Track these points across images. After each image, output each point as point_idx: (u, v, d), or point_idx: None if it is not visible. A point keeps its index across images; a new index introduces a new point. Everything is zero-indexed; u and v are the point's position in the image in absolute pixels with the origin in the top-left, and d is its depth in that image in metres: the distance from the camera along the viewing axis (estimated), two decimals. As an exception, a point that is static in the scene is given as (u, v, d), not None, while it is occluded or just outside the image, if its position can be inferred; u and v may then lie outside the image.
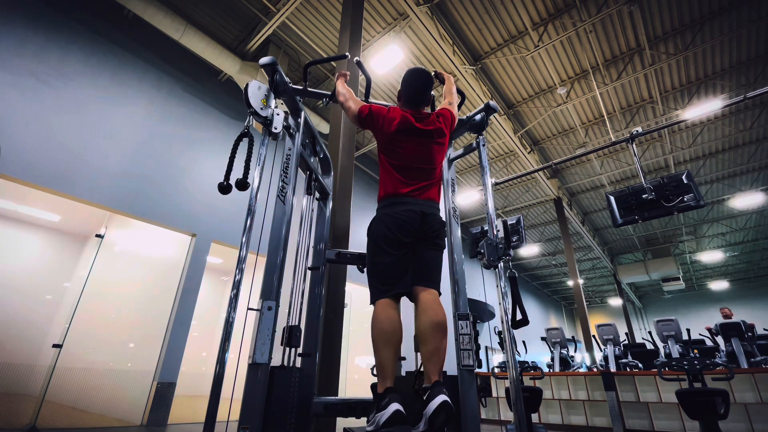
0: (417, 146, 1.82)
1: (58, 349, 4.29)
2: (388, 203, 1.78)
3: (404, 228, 1.69)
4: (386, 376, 1.52)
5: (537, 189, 11.64)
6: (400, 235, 1.69)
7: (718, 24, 6.51)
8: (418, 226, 1.71)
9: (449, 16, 6.52)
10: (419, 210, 1.72)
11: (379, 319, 1.60)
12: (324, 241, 2.48)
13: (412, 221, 1.70)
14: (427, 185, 1.81)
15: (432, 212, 1.77)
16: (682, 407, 3.32)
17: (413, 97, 1.96)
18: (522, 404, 1.71)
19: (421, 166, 1.81)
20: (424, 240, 1.74)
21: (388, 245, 1.69)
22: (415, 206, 1.73)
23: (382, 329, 1.58)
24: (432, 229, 1.74)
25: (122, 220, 5.64)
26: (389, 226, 1.71)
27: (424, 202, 1.76)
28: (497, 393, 6.54)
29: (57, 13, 4.92)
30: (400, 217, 1.70)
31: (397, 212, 1.72)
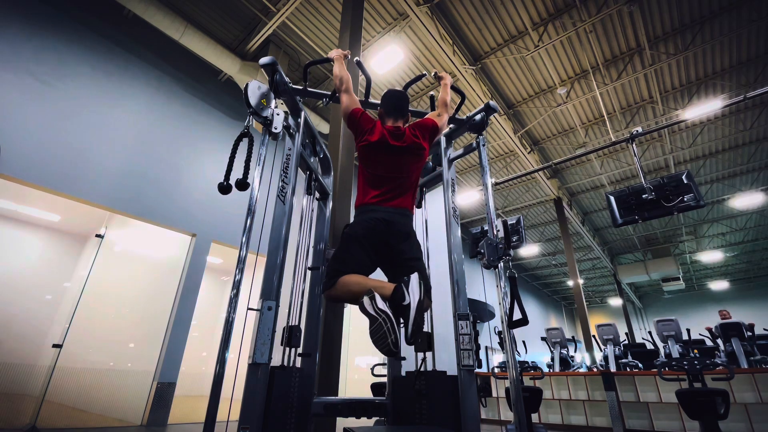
0: (390, 161, 1.91)
1: (58, 349, 4.29)
2: (359, 212, 1.88)
3: (371, 233, 1.76)
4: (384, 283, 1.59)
5: (537, 189, 11.64)
6: (368, 239, 1.76)
7: (718, 24, 6.51)
8: (383, 233, 1.77)
9: (449, 16, 6.52)
10: (382, 218, 1.79)
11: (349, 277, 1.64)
12: (324, 241, 2.48)
13: (377, 227, 1.77)
14: (397, 193, 1.89)
15: (396, 219, 1.81)
16: (682, 407, 3.32)
17: (391, 110, 2.05)
18: (522, 404, 1.71)
19: (392, 176, 1.91)
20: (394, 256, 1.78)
21: (356, 243, 1.75)
22: (381, 214, 1.81)
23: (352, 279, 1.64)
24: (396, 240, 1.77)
25: (122, 220, 5.65)
26: (357, 230, 1.79)
27: (391, 210, 1.83)
28: (497, 393, 6.54)
29: (57, 13, 4.92)
30: (367, 224, 1.79)
31: (364, 219, 1.81)
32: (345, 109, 2.04)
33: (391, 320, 1.38)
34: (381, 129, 1.94)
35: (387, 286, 1.54)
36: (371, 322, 1.41)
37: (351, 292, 1.60)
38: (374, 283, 1.58)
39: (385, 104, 2.08)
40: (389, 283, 1.58)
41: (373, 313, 1.41)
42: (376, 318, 1.39)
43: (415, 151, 1.94)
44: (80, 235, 7.19)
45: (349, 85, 2.10)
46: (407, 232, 1.84)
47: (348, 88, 2.09)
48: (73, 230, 7.07)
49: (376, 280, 1.64)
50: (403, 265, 1.75)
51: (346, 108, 2.03)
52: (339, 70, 2.14)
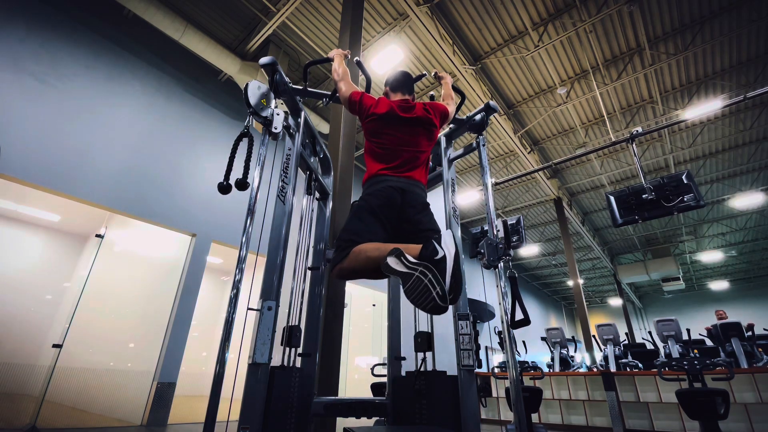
0: (401, 133, 1.82)
1: (58, 349, 4.29)
2: (370, 183, 1.76)
3: (385, 204, 1.64)
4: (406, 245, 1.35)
5: (537, 189, 11.64)
6: (382, 210, 1.63)
7: (718, 24, 6.51)
8: (399, 203, 1.66)
9: (449, 16, 6.52)
10: (398, 186, 1.69)
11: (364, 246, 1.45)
12: (324, 241, 2.48)
13: (392, 196, 1.66)
14: (410, 166, 1.78)
15: (412, 189, 1.71)
16: (682, 407, 3.32)
17: (397, 84, 2.03)
18: (522, 404, 1.71)
19: (404, 149, 1.80)
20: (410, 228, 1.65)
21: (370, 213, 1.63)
22: (395, 183, 1.70)
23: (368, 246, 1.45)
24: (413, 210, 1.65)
25: (122, 220, 5.64)
26: (371, 201, 1.66)
27: (405, 180, 1.73)
28: (497, 393, 6.53)
29: (57, 13, 4.92)
30: (381, 193, 1.66)
31: (378, 189, 1.69)
32: (344, 95, 1.99)
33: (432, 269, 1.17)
34: (388, 102, 1.88)
35: (412, 247, 1.32)
36: (405, 279, 1.21)
37: (369, 258, 1.39)
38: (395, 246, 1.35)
39: (391, 82, 2.06)
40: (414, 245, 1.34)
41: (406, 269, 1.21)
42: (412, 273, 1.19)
43: (426, 125, 1.86)
44: (80, 235, 7.18)
45: (346, 76, 2.07)
46: (423, 202, 1.74)
47: (345, 77, 2.06)
48: (73, 230, 7.07)
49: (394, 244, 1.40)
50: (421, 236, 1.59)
51: (344, 94, 1.98)
52: (338, 64, 2.12)
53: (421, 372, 2.02)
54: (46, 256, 6.88)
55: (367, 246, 1.45)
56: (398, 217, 1.65)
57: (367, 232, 1.55)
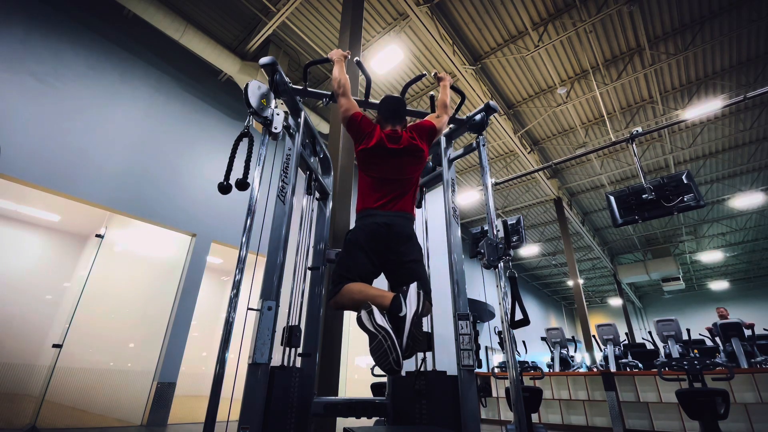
0: (388, 165, 1.92)
1: (58, 349, 4.29)
2: (360, 216, 1.90)
3: (372, 238, 1.79)
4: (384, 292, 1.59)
5: (537, 189, 11.64)
6: (369, 244, 1.78)
7: (718, 24, 6.51)
8: (384, 236, 1.79)
9: (449, 16, 6.52)
10: (383, 222, 1.81)
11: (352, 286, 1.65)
12: (324, 241, 2.48)
13: (378, 231, 1.79)
14: (398, 196, 1.90)
15: (397, 222, 1.83)
16: (682, 407, 3.32)
17: (389, 116, 2.07)
18: (522, 404, 1.71)
19: (392, 179, 1.92)
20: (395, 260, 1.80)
21: (359, 249, 1.77)
22: (382, 218, 1.82)
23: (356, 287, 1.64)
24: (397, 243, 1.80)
25: (122, 220, 5.64)
26: (359, 236, 1.80)
27: (392, 214, 1.85)
28: (497, 393, 6.54)
29: (57, 13, 4.92)
30: (368, 228, 1.81)
31: (366, 224, 1.83)
32: (344, 113, 2.03)
33: (392, 338, 1.34)
34: (379, 133, 1.96)
35: (386, 296, 1.53)
36: (371, 338, 1.37)
37: (353, 301, 1.60)
38: (374, 293, 1.58)
39: (383, 111, 2.10)
40: (389, 293, 1.57)
41: (372, 329, 1.38)
42: (376, 335, 1.36)
43: (413, 153, 1.95)
44: (80, 235, 7.18)
45: (347, 89, 2.10)
46: (408, 234, 1.85)
47: (346, 92, 2.09)
48: (73, 230, 7.07)
49: (377, 289, 1.64)
50: (404, 267, 1.77)
51: (345, 112, 2.03)
52: (338, 73, 2.13)
53: (421, 372, 2.02)
54: (46, 256, 6.88)
55: (353, 288, 1.63)
56: (385, 249, 1.80)
57: (355, 267, 1.73)
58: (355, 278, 1.69)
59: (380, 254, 1.80)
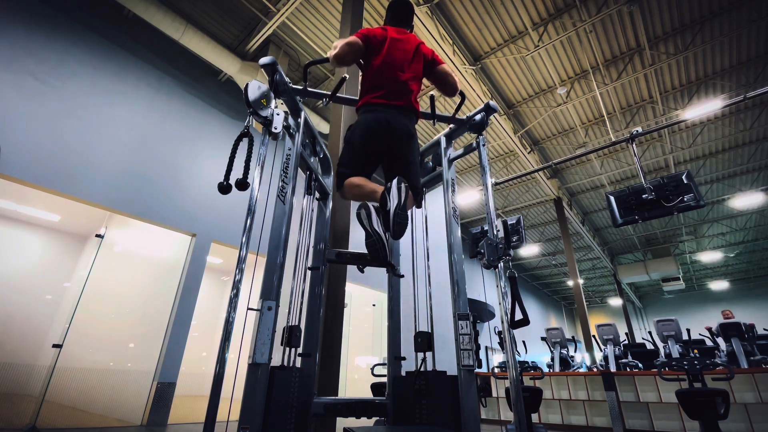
0: (392, 55, 1.94)
1: (58, 349, 4.29)
2: (362, 112, 1.93)
3: (371, 134, 1.83)
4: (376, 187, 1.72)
5: (537, 189, 11.64)
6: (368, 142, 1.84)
7: (718, 24, 6.51)
8: (383, 133, 1.83)
9: (449, 16, 6.52)
10: (384, 119, 1.84)
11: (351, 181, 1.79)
12: (324, 241, 2.48)
13: (377, 128, 1.83)
14: (399, 91, 1.91)
15: (397, 119, 1.85)
16: (682, 407, 3.32)
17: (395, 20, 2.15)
18: (522, 404, 1.71)
19: (394, 74, 1.92)
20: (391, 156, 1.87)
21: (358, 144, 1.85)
22: (382, 113, 1.86)
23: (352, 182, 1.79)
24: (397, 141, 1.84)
25: (122, 220, 5.64)
26: (358, 134, 1.86)
27: (392, 109, 1.87)
28: (497, 393, 6.53)
29: (57, 13, 4.92)
30: (368, 125, 1.85)
31: (366, 119, 1.87)
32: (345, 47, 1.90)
33: (383, 241, 1.60)
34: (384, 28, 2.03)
35: (378, 190, 1.67)
36: (367, 236, 1.62)
37: (353, 194, 1.80)
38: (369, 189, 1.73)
39: (390, 13, 2.18)
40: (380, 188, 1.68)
41: (369, 229, 1.62)
42: (371, 235, 1.61)
43: (415, 48, 1.99)
44: (80, 235, 7.18)
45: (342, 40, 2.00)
46: (409, 132, 1.88)
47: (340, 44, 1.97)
48: (73, 230, 7.07)
49: (372, 185, 1.76)
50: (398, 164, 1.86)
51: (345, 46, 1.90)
52: None
53: (421, 372, 2.02)
54: (46, 256, 6.88)
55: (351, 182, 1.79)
56: (383, 146, 1.85)
57: (354, 162, 1.84)
58: (355, 173, 1.82)
59: (378, 150, 1.86)
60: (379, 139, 1.83)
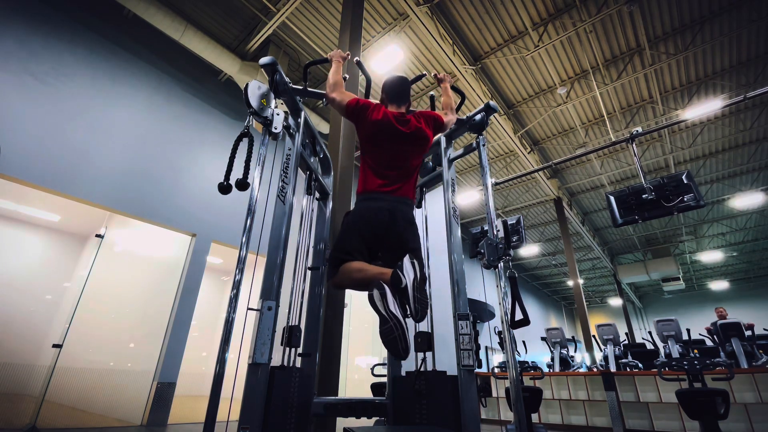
0: (394, 147, 1.89)
1: (58, 349, 4.29)
2: (362, 198, 1.88)
3: (373, 222, 1.78)
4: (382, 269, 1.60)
5: (537, 189, 11.64)
6: (369, 229, 1.78)
7: (718, 24, 6.51)
8: (386, 222, 1.78)
9: (449, 16, 6.52)
10: (387, 207, 1.80)
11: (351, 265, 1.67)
12: (324, 241, 2.48)
13: (380, 217, 1.78)
14: (401, 181, 1.89)
15: (399, 208, 1.83)
16: (682, 407, 3.32)
17: (394, 94, 2.05)
18: (522, 404, 1.71)
19: (395, 164, 1.90)
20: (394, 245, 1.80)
21: (358, 233, 1.78)
22: (385, 203, 1.82)
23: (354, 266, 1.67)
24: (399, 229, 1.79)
25: (122, 220, 5.64)
26: (359, 219, 1.80)
27: (395, 199, 1.84)
28: (497, 393, 6.53)
29: (57, 13, 4.92)
30: (371, 212, 1.80)
31: (369, 207, 1.82)
32: (340, 103, 1.97)
33: (402, 327, 1.41)
34: (385, 111, 1.93)
35: (386, 272, 1.56)
36: (382, 322, 1.43)
37: (352, 280, 1.66)
38: (374, 271, 1.61)
39: (388, 91, 2.07)
40: (388, 270, 1.58)
41: (385, 314, 1.43)
42: (388, 321, 1.42)
43: (420, 139, 1.93)
44: (80, 235, 7.18)
45: (338, 85, 2.03)
46: (410, 220, 1.85)
47: (337, 87, 2.02)
48: (73, 230, 7.07)
49: (376, 267, 1.66)
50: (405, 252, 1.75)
51: (340, 102, 1.97)
52: (332, 74, 2.08)
53: (421, 372, 2.02)
54: (46, 256, 6.88)
55: (352, 267, 1.67)
56: (385, 234, 1.79)
57: (353, 250, 1.74)
58: (352, 260, 1.71)
59: (379, 239, 1.79)
60: (382, 229, 1.78)
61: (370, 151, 1.92)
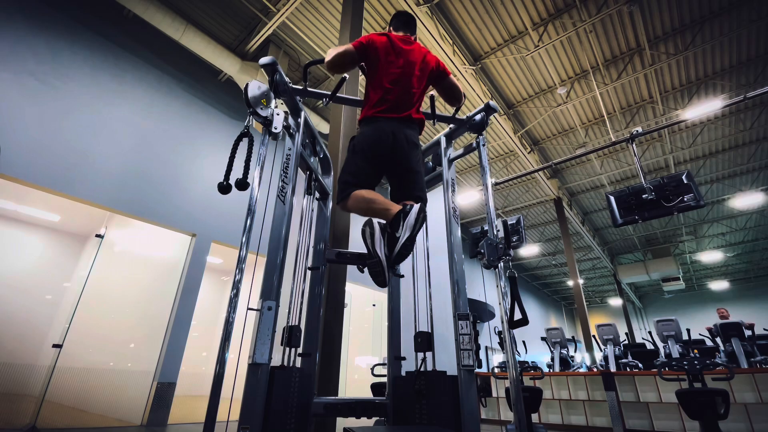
0: (396, 66, 1.92)
1: (58, 349, 4.29)
2: (365, 123, 1.92)
3: (376, 146, 1.82)
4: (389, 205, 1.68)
5: (537, 189, 11.64)
6: (374, 152, 1.82)
7: (718, 24, 6.51)
8: (389, 144, 1.82)
9: (449, 16, 6.52)
10: (389, 129, 1.84)
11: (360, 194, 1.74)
12: (324, 241, 2.48)
13: (383, 139, 1.82)
14: (403, 106, 1.91)
15: (402, 130, 1.85)
16: (682, 407, 3.32)
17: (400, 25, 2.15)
18: (522, 404, 1.71)
19: (399, 87, 1.91)
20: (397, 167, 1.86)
21: (364, 155, 1.83)
22: (387, 125, 1.85)
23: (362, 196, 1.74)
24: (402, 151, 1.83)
25: (122, 220, 5.64)
26: (364, 142, 1.85)
27: (398, 121, 1.87)
28: (497, 393, 6.53)
29: (57, 13, 4.92)
30: (373, 135, 1.84)
31: (371, 130, 1.86)
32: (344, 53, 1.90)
33: (383, 265, 1.57)
34: (390, 34, 2.01)
35: (391, 211, 1.63)
36: (368, 255, 1.61)
37: (360, 208, 1.75)
38: (380, 205, 1.68)
39: (394, 22, 2.17)
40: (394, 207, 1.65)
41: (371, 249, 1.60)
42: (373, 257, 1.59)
43: (422, 62, 1.97)
44: (80, 235, 7.18)
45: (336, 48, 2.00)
46: (413, 141, 1.88)
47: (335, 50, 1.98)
48: (73, 230, 7.07)
49: (383, 201, 1.72)
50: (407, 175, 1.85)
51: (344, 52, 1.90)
52: None
53: (421, 372, 2.02)
54: (46, 256, 6.88)
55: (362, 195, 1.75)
56: (389, 157, 1.84)
57: (360, 173, 1.81)
58: (361, 184, 1.78)
59: (384, 161, 1.84)
60: (386, 151, 1.82)
61: (374, 74, 1.95)
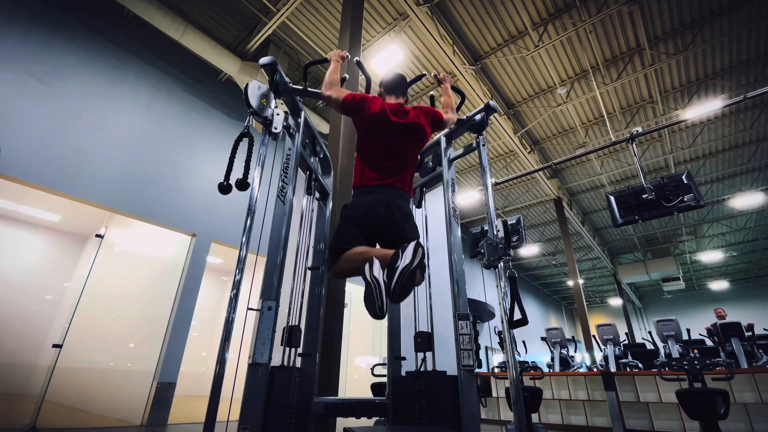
0: (390, 139, 1.88)
1: (58, 349, 4.29)
2: (359, 192, 1.89)
3: (369, 216, 1.78)
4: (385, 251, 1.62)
5: (537, 189, 11.64)
6: (366, 222, 1.79)
7: (718, 24, 6.51)
8: (382, 215, 1.79)
9: (449, 16, 6.52)
10: (383, 200, 1.81)
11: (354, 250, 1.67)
12: (324, 241, 2.48)
13: (376, 210, 1.79)
14: (397, 176, 1.89)
15: (395, 201, 1.82)
16: (682, 407, 3.32)
17: (391, 86, 2.06)
18: (522, 404, 1.71)
19: (391, 157, 1.89)
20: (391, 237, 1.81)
21: (355, 224, 1.79)
22: (381, 196, 1.82)
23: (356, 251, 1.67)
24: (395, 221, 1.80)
25: (122, 220, 5.64)
26: (356, 212, 1.81)
27: (390, 192, 1.84)
28: (497, 393, 6.53)
29: (57, 13, 4.92)
30: (368, 205, 1.80)
31: (364, 201, 1.83)
32: (336, 100, 1.96)
33: (380, 288, 1.46)
34: (382, 103, 1.93)
35: (389, 253, 1.58)
36: (366, 288, 1.49)
37: (353, 262, 1.65)
38: (376, 252, 1.63)
39: (385, 84, 2.08)
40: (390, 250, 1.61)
41: (368, 278, 1.49)
42: (370, 284, 1.48)
43: (416, 132, 1.91)
44: (80, 235, 7.18)
45: (333, 83, 2.05)
46: (407, 212, 1.85)
47: (332, 86, 2.03)
48: (73, 230, 7.07)
49: (380, 249, 1.69)
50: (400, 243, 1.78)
51: (337, 99, 1.96)
52: (329, 74, 2.09)
53: (421, 372, 2.02)
54: (46, 256, 6.88)
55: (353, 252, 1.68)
56: (382, 227, 1.80)
57: (354, 241, 1.74)
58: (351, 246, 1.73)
59: (377, 231, 1.81)
60: (379, 220, 1.78)
61: (366, 144, 1.91)
